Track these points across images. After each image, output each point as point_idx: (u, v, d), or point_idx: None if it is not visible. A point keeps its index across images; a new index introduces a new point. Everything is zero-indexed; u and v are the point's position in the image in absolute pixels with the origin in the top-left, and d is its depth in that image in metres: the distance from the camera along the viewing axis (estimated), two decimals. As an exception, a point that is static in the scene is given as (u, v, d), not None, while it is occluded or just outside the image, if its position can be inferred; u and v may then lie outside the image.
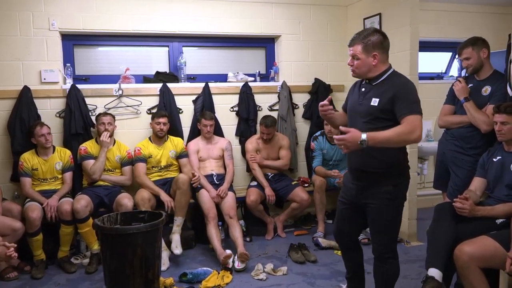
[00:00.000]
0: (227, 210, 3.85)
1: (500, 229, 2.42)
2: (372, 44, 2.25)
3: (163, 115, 3.97)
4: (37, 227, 3.39)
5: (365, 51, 2.26)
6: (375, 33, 2.28)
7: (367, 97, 2.31)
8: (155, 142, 4.01)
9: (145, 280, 2.82)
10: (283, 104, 4.58)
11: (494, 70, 3.08)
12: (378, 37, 2.27)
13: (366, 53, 2.26)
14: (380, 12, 4.15)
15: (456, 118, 3.18)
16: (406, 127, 2.14)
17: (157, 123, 3.92)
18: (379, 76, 2.30)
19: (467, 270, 2.28)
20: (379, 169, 2.31)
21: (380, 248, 2.43)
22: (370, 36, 2.26)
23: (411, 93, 2.23)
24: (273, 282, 3.25)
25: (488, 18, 5.10)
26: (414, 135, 2.13)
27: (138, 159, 3.92)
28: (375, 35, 2.27)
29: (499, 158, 2.69)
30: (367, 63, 2.27)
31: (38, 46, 3.93)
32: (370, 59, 2.27)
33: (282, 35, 4.66)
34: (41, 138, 3.62)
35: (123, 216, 3.15)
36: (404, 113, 2.17)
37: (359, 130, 2.16)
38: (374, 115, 2.26)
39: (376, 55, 2.26)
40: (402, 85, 2.25)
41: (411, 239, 3.96)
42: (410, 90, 2.24)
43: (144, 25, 4.22)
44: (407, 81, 2.30)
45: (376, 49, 2.26)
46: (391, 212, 2.35)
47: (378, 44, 2.26)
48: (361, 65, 2.29)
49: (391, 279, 2.47)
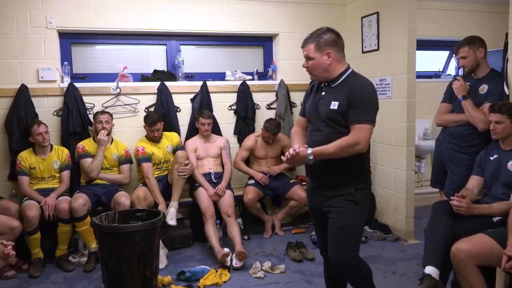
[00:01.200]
0: (225, 208, 3.85)
1: (497, 227, 2.43)
2: (324, 41, 2.14)
3: (156, 121, 3.89)
4: (35, 225, 3.39)
5: (318, 50, 2.15)
6: (327, 31, 2.18)
7: (326, 100, 2.19)
8: (152, 141, 4.02)
9: (143, 278, 2.82)
10: (281, 103, 4.59)
11: (491, 69, 3.09)
12: (331, 35, 2.16)
13: (320, 52, 2.15)
14: (378, 10, 4.15)
15: (454, 116, 3.19)
16: (351, 138, 2.07)
17: (151, 131, 3.92)
18: (338, 78, 2.18)
19: (464, 268, 2.28)
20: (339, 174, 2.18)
21: (342, 256, 2.21)
22: (322, 34, 2.16)
23: (366, 98, 2.10)
24: (271, 280, 3.26)
25: (485, 17, 5.11)
26: (357, 147, 2.07)
27: (143, 159, 3.91)
28: (327, 33, 2.17)
29: (496, 156, 2.70)
30: (322, 62, 2.16)
31: (35, 45, 3.93)
32: (324, 58, 2.15)
33: (280, 34, 4.67)
34: (39, 137, 3.61)
35: (121, 215, 3.15)
36: (353, 121, 2.08)
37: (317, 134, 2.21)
38: (334, 119, 2.15)
39: (330, 53, 2.14)
40: (359, 88, 2.12)
41: (409, 237, 3.97)
42: (366, 94, 2.11)
43: (142, 23, 4.22)
44: (365, 84, 2.16)
45: (330, 46, 2.14)
46: (356, 217, 2.19)
47: (331, 41, 2.15)
48: (316, 65, 2.17)
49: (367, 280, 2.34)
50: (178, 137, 4.14)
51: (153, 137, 3.95)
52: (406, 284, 3.04)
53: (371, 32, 4.26)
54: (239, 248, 3.52)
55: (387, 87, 4.08)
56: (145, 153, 3.92)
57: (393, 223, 4.15)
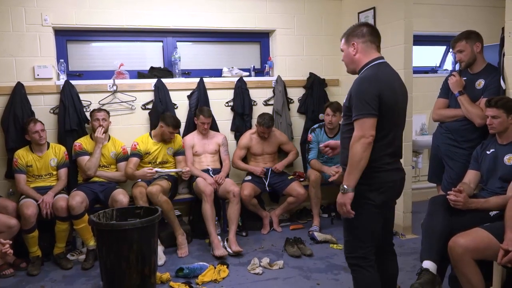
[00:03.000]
0: (229, 187, 3.88)
1: (494, 221, 2.44)
2: (352, 33, 2.18)
3: (179, 126, 4.03)
4: (32, 223, 3.38)
5: (346, 42, 2.20)
6: (360, 25, 2.20)
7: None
8: (156, 139, 4.01)
9: (142, 275, 2.83)
10: (278, 99, 4.58)
11: (488, 64, 3.09)
12: (361, 27, 2.18)
13: (347, 44, 2.20)
14: (374, 6, 4.15)
15: (450, 111, 3.20)
16: (354, 136, 2.04)
17: (171, 132, 3.93)
18: (360, 71, 2.18)
19: (461, 262, 2.29)
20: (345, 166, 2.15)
21: (345, 251, 2.24)
22: (354, 28, 2.20)
23: (358, 93, 2.06)
24: (269, 276, 3.26)
25: (482, 12, 5.11)
26: (364, 140, 2.01)
27: (132, 154, 3.93)
28: (359, 27, 2.19)
29: (492, 151, 2.71)
30: (348, 54, 2.20)
31: (31, 42, 3.91)
32: (350, 49, 2.18)
33: (276, 30, 4.66)
34: (35, 135, 3.60)
35: (119, 212, 3.16)
36: (353, 118, 2.07)
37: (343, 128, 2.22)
38: (345, 113, 2.19)
39: (355, 44, 2.16)
40: (357, 82, 2.11)
41: (406, 232, 3.99)
42: (358, 89, 2.07)
43: (138, 20, 4.20)
44: (361, 78, 2.12)
45: (355, 37, 2.16)
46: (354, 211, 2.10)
47: (358, 33, 2.16)
48: (344, 57, 2.23)
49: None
50: (181, 141, 4.13)
51: (167, 138, 3.96)
52: (404, 278, 3.04)
53: (368, 27, 4.25)
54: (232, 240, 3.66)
55: (384, 83, 4.07)
56: (136, 149, 3.94)
57: (391, 218, 4.15)
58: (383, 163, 2.12)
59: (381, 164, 2.12)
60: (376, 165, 2.10)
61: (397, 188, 2.26)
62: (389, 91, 2.08)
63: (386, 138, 2.11)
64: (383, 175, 2.13)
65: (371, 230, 2.17)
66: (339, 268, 3.33)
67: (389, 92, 2.08)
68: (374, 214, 2.15)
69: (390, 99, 2.07)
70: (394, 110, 2.11)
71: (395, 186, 2.22)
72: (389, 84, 2.11)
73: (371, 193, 2.12)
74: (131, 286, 2.81)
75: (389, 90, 2.08)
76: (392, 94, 2.09)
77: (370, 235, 2.17)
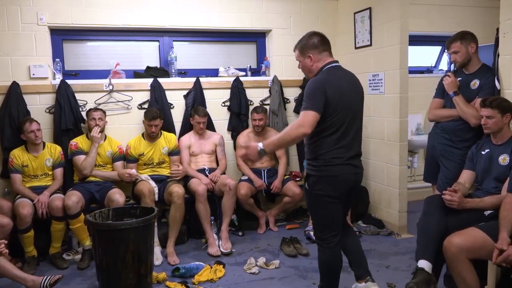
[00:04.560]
0: (226, 181, 3.88)
1: (488, 221, 2.46)
2: (306, 46, 2.43)
3: (156, 117, 3.88)
4: (28, 223, 3.37)
5: (302, 55, 2.46)
6: (311, 36, 2.46)
7: None
8: (148, 139, 4.01)
9: (138, 275, 2.83)
10: (274, 99, 4.59)
11: (483, 64, 3.11)
12: (312, 38, 2.43)
13: (303, 56, 2.45)
14: (370, 6, 4.16)
15: (446, 111, 3.21)
16: (294, 124, 2.29)
17: (149, 125, 3.90)
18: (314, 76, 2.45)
19: (456, 261, 2.31)
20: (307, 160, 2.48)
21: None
22: (307, 40, 2.44)
23: (307, 90, 2.34)
24: (266, 275, 3.27)
25: (477, 12, 5.13)
26: (301, 130, 2.24)
27: (126, 159, 3.98)
28: (311, 38, 2.44)
29: (487, 151, 2.72)
30: (306, 65, 2.46)
31: (26, 41, 3.89)
32: (307, 61, 2.44)
33: (273, 30, 4.66)
34: (31, 135, 3.59)
35: (115, 212, 3.15)
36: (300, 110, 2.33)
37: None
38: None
39: (311, 56, 2.42)
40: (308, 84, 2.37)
41: (402, 231, 4.01)
42: (308, 87, 2.35)
43: (134, 19, 4.19)
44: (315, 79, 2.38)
45: (310, 50, 2.42)
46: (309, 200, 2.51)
47: (312, 45, 2.42)
48: (303, 68, 2.50)
49: (320, 264, 2.58)
50: (176, 141, 4.11)
51: (150, 133, 3.92)
52: (400, 278, 3.06)
53: (364, 27, 4.27)
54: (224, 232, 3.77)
55: (379, 83, 4.09)
56: (128, 154, 3.95)
57: (386, 218, 4.18)
58: (334, 157, 2.36)
59: (331, 158, 2.36)
60: (326, 158, 2.36)
61: (351, 182, 2.44)
62: (335, 90, 2.31)
63: (336, 134, 2.34)
64: (334, 168, 2.37)
65: (329, 219, 2.46)
66: (335, 267, 3.34)
67: (335, 91, 2.31)
68: (329, 204, 2.41)
69: (335, 98, 2.30)
70: (342, 107, 2.33)
71: (348, 180, 2.41)
72: (336, 84, 2.34)
73: (322, 184, 2.38)
74: (127, 286, 2.81)
75: (335, 89, 2.31)
76: (338, 93, 2.32)
77: (329, 223, 2.46)
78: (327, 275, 2.57)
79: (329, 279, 2.57)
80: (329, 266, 2.54)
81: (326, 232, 2.48)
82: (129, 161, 3.97)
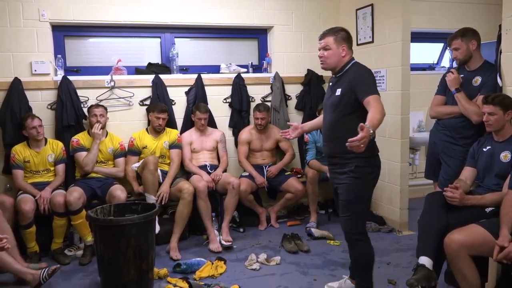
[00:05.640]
0: (229, 179, 3.89)
1: (489, 218, 2.46)
2: (341, 37, 2.55)
3: (164, 110, 3.95)
4: (30, 219, 3.38)
5: (336, 43, 2.54)
6: (345, 30, 2.60)
7: (333, 89, 2.58)
8: (152, 134, 4.02)
9: (139, 271, 2.84)
10: (276, 95, 4.59)
11: (485, 61, 3.10)
12: (346, 33, 2.59)
13: (337, 45, 2.54)
14: (372, 2, 4.15)
15: (447, 108, 3.20)
16: (377, 106, 2.35)
17: (157, 117, 3.92)
18: (343, 68, 2.56)
19: (457, 258, 2.31)
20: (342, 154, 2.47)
21: (347, 229, 2.59)
22: (340, 31, 2.57)
23: (366, 77, 2.47)
24: (267, 271, 3.28)
25: (479, 9, 5.11)
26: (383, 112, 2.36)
27: (130, 151, 3.96)
28: (343, 31, 2.58)
29: (488, 148, 2.72)
30: (337, 53, 2.54)
31: (28, 37, 3.89)
32: (340, 50, 2.54)
33: (274, 26, 4.65)
34: (33, 131, 3.60)
35: (116, 208, 3.16)
36: (366, 94, 2.39)
37: (327, 120, 2.61)
38: (338, 104, 2.51)
39: (344, 48, 2.54)
40: (357, 72, 2.50)
41: (403, 228, 4.01)
42: (365, 75, 2.48)
43: (135, 16, 4.19)
44: (363, 68, 2.53)
45: (344, 42, 2.55)
46: (354, 190, 2.51)
47: (346, 38, 2.56)
48: (331, 55, 2.55)
49: (362, 260, 2.61)
50: (177, 135, 4.12)
51: (157, 126, 3.94)
52: (400, 274, 3.07)
53: (366, 24, 4.26)
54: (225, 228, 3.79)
55: (381, 80, 4.09)
56: (133, 146, 3.97)
57: (388, 215, 4.18)
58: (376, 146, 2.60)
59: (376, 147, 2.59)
60: (375, 146, 2.58)
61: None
62: None
63: None
64: (378, 158, 2.60)
65: (368, 208, 2.63)
66: (336, 264, 3.35)
67: None
68: (370, 193, 2.62)
69: None
70: None
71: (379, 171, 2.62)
72: None
73: (371, 174, 2.54)
74: (129, 281, 2.82)
75: None
76: None
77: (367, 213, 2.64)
78: (369, 268, 2.62)
79: (370, 271, 2.62)
80: (372, 256, 2.61)
81: (364, 224, 2.66)
82: (132, 153, 3.96)
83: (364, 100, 2.39)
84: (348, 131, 2.27)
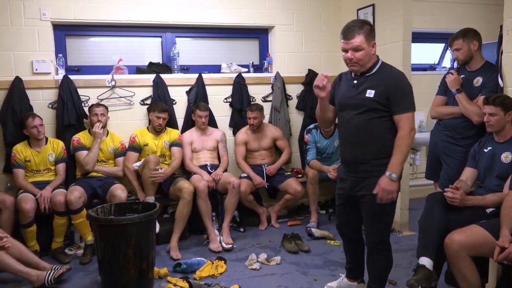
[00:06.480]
0: (229, 179, 3.88)
1: (490, 218, 2.46)
2: (370, 33, 2.24)
3: (164, 110, 3.95)
4: (30, 218, 3.38)
5: (367, 41, 2.23)
6: (365, 23, 2.28)
7: (361, 89, 2.31)
8: (153, 132, 4.02)
9: (140, 270, 2.84)
10: (276, 95, 4.59)
11: (486, 61, 3.09)
12: (371, 26, 2.28)
13: (368, 43, 2.24)
14: (373, 2, 4.14)
15: (448, 109, 3.20)
16: (406, 128, 2.22)
17: (157, 117, 3.92)
18: (372, 67, 2.32)
19: (457, 259, 2.31)
20: (372, 160, 2.33)
21: (373, 240, 2.47)
22: (365, 25, 2.24)
23: (405, 87, 2.27)
24: (267, 271, 3.28)
25: (481, 9, 5.11)
26: (412, 133, 2.23)
27: (131, 147, 3.95)
28: (367, 24, 2.27)
29: (489, 148, 2.71)
30: (369, 52, 2.26)
31: (29, 36, 3.90)
32: (370, 49, 2.26)
33: (275, 26, 4.65)
34: (34, 130, 3.60)
35: (117, 207, 3.17)
36: (398, 111, 2.24)
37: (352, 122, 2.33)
38: (369, 107, 2.28)
39: (374, 44, 2.27)
40: (396, 78, 2.28)
41: (403, 228, 4.00)
42: (403, 83, 2.28)
43: (136, 15, 4.19)
44: (399, 73, 2.34)
45: (372, 38, 2.27)
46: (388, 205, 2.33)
47: (373, 34, 2.28)
48: (364, 56, 2.24)
49: (384, 270, 2.53)
50: (177, 135, 4.11)
51: (157, 125, 3.94)
52: (401, 275, 3.06)
53: (367, 24, 4.26)
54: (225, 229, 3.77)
55: (382, 80, 4.07)
56: (134, 142, 3.96)
57: (388, 215, 4.17)
58: None
59: None
60: None
61: None
62: None
63: None
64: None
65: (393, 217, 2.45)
66: (336, 264, 3.35)
67: None
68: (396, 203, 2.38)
69: None
70: None
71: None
72: None
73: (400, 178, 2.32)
74: (129, 281, 2.83)
75: None
76: None
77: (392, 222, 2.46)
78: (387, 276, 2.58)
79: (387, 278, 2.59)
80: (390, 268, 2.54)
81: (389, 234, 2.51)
82: (133, 149, 3.94)
83: (396, 115, 2.24)
84: (379, 133, 2.22)
